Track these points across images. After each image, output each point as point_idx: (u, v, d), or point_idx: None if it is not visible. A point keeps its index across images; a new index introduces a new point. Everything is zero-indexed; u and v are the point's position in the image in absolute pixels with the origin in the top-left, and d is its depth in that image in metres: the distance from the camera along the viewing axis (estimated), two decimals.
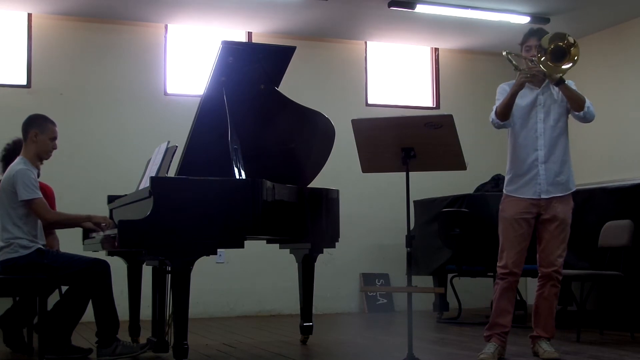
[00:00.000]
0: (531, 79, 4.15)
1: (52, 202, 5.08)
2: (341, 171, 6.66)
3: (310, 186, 4.89)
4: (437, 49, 8.43)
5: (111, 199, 5.02)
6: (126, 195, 4.70)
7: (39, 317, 4.24)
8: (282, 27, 7.50)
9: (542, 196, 4.19)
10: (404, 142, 3.99)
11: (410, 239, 4.00)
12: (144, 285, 4.90)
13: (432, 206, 6.93)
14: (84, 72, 7.20)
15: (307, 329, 5.09)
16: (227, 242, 4.01)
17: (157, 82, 7.41)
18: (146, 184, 4.15)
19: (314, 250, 4.98)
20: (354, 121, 4.07)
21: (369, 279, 7.82)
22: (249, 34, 7.67)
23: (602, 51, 7.75)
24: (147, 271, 4.91)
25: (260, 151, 4.77)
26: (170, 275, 4.08)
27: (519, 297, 5.60)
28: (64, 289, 4.64)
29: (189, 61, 7.59)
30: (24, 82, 7.04)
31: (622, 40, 7.65)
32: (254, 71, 4.64)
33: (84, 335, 5.17)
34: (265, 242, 5.20)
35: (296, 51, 4.75)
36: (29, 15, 7.03)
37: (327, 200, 4.90)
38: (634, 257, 5.23)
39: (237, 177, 4.17)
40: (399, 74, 8.37)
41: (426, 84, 8.48)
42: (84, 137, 7.05)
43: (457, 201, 6.59)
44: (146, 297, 4.87)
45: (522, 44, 4.30)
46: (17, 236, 4.32)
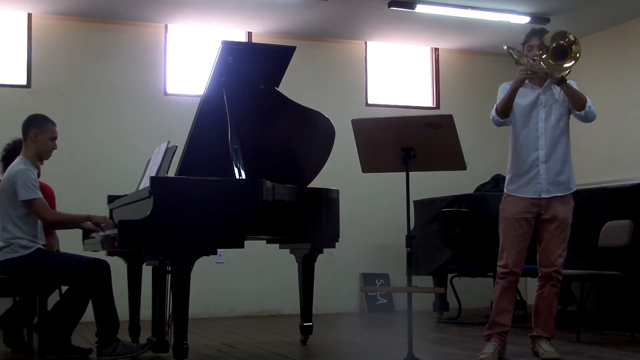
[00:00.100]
0: (531, 75, 4.15)
1: (52, 202, 5.08)
2: (341, 171, 6.66)
3: (310, 186, 4.89)
4: (437, 49, 8.43)
5: (111, 199, 5.03)
6: (126, 195, 4.70)
7: (39, 317, 4.24)
8: (282, 27, 7.50)
9: (543, 195, 4.19)
10: (404, 142, 3.99)
11: (410, 239, 4.00)
12: (144, 285, 4.90)
13: (432, 206, 6.93)
14: (84, 72, 7.20)
15: (307, 329, 5.09)
16: (227, 242, 4.01)
17: (157, 82, 7.41)
18: (146, 184, 4.15)
19: (314, 250, 4.98)
20: (354, 121, 4.07)
21: (369, 279, 7.82)
22: (249, 34, 7.67)
23: (602, 51, 7.75)
24: (147, 271, 4.91)
25: (260, 151, 4.77)
26: (170, 275, 4.08)
27: (519, 297, 5.60)
28: (64, 289, 4.64)
29: (189, 61, 7.58)
30: (24, 82, 7.04)
31: (622, 40, 7.65)
32: (254, 71, 4.64)
33: (84, 335, 5.16)
34: (265, 242, 5.20)
35: (296, 51, 4.75)
36: (29, 15, 7.03)
37: (327, 200, 4.90)
38: (634, 257, 5.23)
39: (237, 177, 4.17)
40: (399, 74, 8.37)
41: (426, 84, 8.48)
42: (84, 137, 7.05)
43: (457, 201, 6.59)
44: (146, 297, 4.87)
45: (524, 44, 4.30)
46: (17, 236, 4.32)
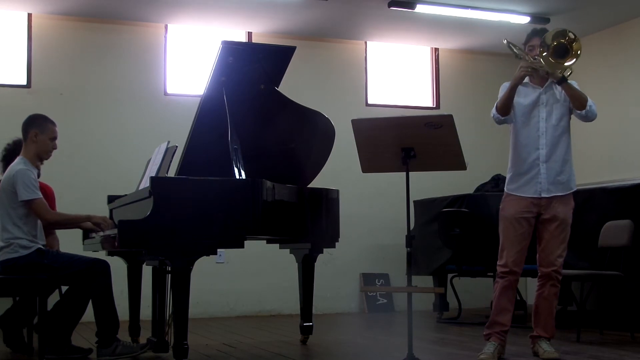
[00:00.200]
0: (531, 72, 4.15)
1: (52, 202, 5.08)
2: (341, 171, 6.66)
3: (310, 186, 4.89)
4: (437, 49, 8.43)
5: (111, 199, 5.03)
6: (126, 195, 4.69)
7: (39, 317, 4.24)
8: (282, 27, 7.50)
9: (543, 195, 4.19)
10: (404, 142, 3.99)
11: (410, 239, 4.00)
12: (144, 285, 4.90)
13: (432, 206, 6.93)
14: (84, 72, 7.20)
15: (307, 329, 5.09)
16: (227, 242, 4.01)
17: (157, 82, 7.41)
18: (146, 184, 4.15)
19: (314, 250, 4.98)
20: (354, 121, 4.07)
21: (369, 279, 7.82)
22: (249, 34, 7.67)
23: (602, 51, 7.75)
24: (147, 271, 4.91)
25: (260, 151, 4.77)
26: (170, 275, 4.08)
27: (519, 297, 5.61)
28: (64, 289, 4.64)
29: (189, 61, 7.58)
30: (24, 82, 7.04)
31: (622, 40, 7.65)
32: (254, 71, 4.64)
33: (84, 335, 5.16)
34: (265, 242, 5.20)
35: (296, 51, 4.74)
36: (29, 15, 7.03)
37: (327, 200, 4.90)
38: (634, 257, 5.23)
39: (237, 177, 4.17)
40: (399, 74, 8.37)
41: (426, 84, 8.48)
42: (84, 137, 7.05)
43: (457, 201, 6.59)
44: (146, 297, 4.87)
45: (525, 44, 4.31)
46: (17, 236, 4.32)
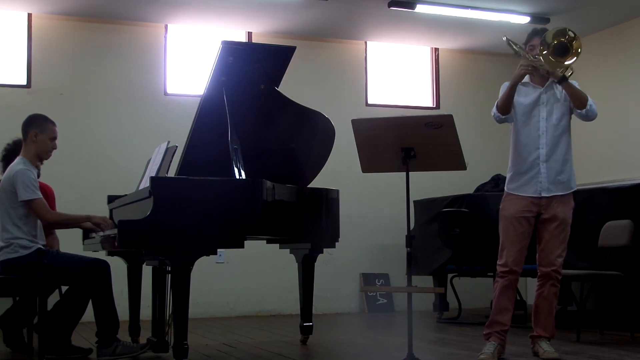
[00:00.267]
0: (531, 70, 4.15)
1: (52, 202, 5.08)
2: (341, 171, 6.66)
3: (310, 186, 4.89)
4: (437, 49, 8.43)
5: (111, 199, 5.03)
6: (126, 195, 4.69)
7: (39, 317, 4.24)
8: (282, 27, 7.50)
9: (543, 194, 4.19)
10: (404, 142, 3.99)
11: (410, 239, 4.00)
12: (144, 285, 4.90)
13: (432, 206, 6.93)
14: (84, 72, 7.20)
15: (307, 329, 5.09)
16: (227, 242, 4.01)
17: (157, 82, 7.41)
18: (146, 184, 4.15)
19: (314, 250, 4.98)
20: (354, 121, 4.07)
21: (369, 279, 7.82)
22: (249, 34, 7.67)
23: (602, 51, 7.75)
24: (147, 271, 4.91)
25: (260, 151, 4.76)
26: (170, 275, 4.07)
27: (518, 297, 5.60)
28: (64, 289, 4.64)
29: (189, 61, 7.58)
30: (24, 82, 7.04)
31: (622, 40, 7.65)
32: (254, 71, 4.64)
33: (84, 335, 5.16)
34: (265, 242, 5.20)
35: (296, 51, 4.74)
36: (29, 15, 7.03)
37: (327, 200, 4.90)
38: (634, 257, 5.23)
39: (237, 177, 4.17)
40: (399, 74, 8.37)
41: (426, 84, 8.48)
42: (84, 137, 7.05)
43: (457, 201, 6.59)
44: (146, 297, 4.87)
45: (525, 44, 4.31)
46: (17, 236, 4.32)
